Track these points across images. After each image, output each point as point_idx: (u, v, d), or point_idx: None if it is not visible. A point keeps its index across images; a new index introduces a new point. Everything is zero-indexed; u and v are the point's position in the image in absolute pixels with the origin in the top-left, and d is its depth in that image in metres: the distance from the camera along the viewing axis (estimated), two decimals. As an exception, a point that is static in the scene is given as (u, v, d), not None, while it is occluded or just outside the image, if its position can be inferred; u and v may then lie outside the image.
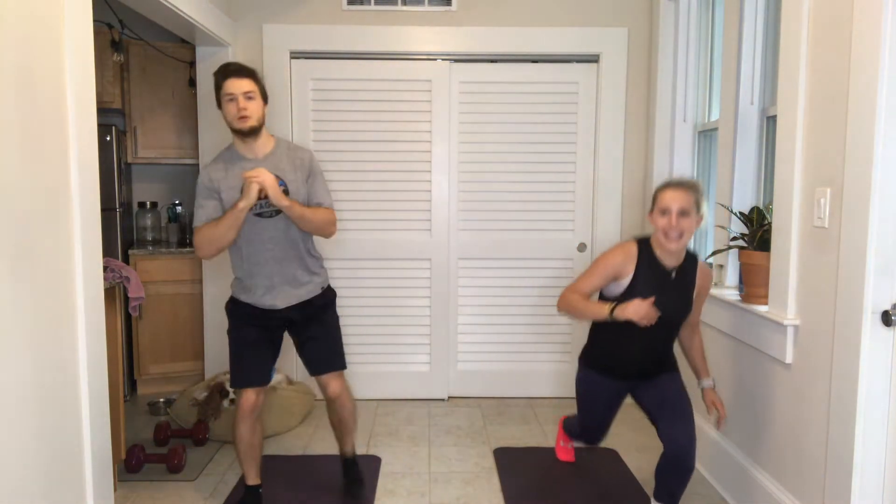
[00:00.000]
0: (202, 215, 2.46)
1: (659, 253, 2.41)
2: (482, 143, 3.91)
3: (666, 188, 2.35)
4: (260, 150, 2.50)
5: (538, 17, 3.82)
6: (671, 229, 2.30)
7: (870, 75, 1.89)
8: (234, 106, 2.39)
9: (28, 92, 1.85)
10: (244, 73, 2.42)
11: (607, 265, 2.42)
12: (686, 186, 2.34)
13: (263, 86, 2.50)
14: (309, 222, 2.48)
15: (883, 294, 1.92)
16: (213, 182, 2.46)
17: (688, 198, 2.31)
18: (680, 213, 2.29)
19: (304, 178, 2.53)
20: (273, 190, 2.35)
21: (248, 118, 2.40)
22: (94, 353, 2.18)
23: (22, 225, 1.83)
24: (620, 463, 3.12)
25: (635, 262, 2.40)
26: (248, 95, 2.40)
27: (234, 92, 2.39)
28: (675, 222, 2.29)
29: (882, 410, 1.96)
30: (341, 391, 2.64)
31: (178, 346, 4.06)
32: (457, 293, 4.00)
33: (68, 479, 2.06)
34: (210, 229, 2.41)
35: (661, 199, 2.34)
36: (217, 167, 2.49)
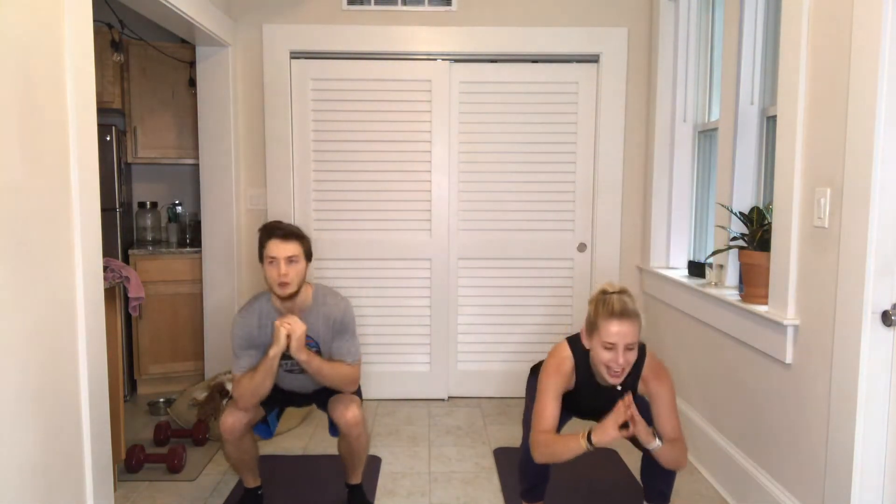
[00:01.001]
0: (243, 365, 2.44)
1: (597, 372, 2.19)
2: (482, 143, 3.91)
3: (610, 318, 2.06)
4: (297, 308, 2.45)
5: (538, 17, 3.82)
6: (617, 366, 2.08)
7: (870, 75, 1.89)
8: (275, 270, 2.35)
9: (28, 92, 1.85)
10: (290, 237, 2.37)
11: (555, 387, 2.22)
12: (631, 316, 2.08)
13: (310, 246, 2.45)
14: (325, 378, 2.43)
15: (883, 294, 1.92)
16: (251, 336, 2.45)
17: (635, 330, 2.08)
18: (627, 349, 2.07)
19: (335, 333, 2.48)
20: (297, 342, 2.31)
21: (287, 285, 2.36)
22: (94, 353, 2.18)
23: (22, 225, 1.83)
24: (620, 463, 3.12)
25: (574, 378, 2.26)
26: (291, 259, 2.36)
27: (277, 256, 2.34)
28: (623, 360, 2.07)
29: (882, 410, 1.96)
30: (358, 422, 2.48)
31: (178, 346, 4.06)
32: (457, 293, 4.00)
33: (68, 479, 2.06)
34: (248, 381, 2.38)
35: (605, 331, 2.07)
36: (251, 321, 2.46)
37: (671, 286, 3.40)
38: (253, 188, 3.93)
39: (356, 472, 2.65)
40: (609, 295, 2.12)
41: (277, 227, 2.41)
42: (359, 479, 2.66)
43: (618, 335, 2.05)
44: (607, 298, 2.12)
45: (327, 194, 3.93)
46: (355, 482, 2.66)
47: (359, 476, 2.66)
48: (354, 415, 2.47)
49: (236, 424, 2.43)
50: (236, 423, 2.42)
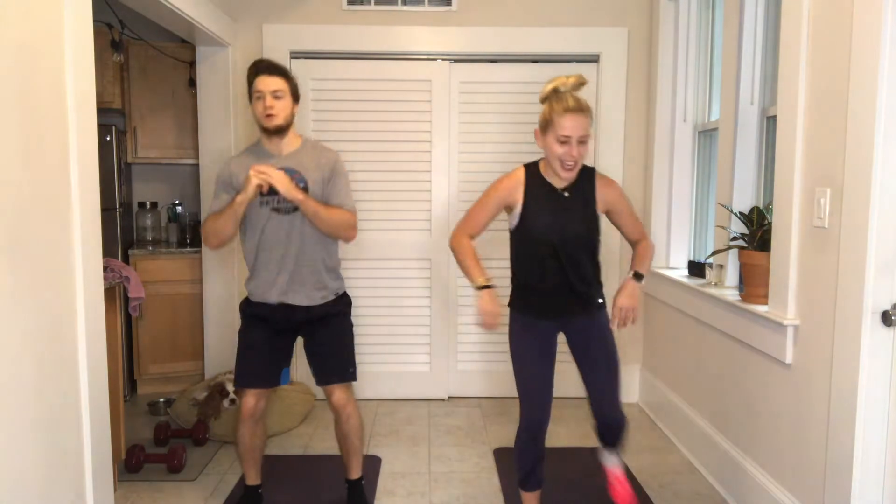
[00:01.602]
0: (214, 205, 2.49)
1: (549, 175, 2.31)
2: (482, 143, 3.91)
3: (564, 112, 2.16)
4: (285, 147, 2.50)
5: (538, 17, 3.82)
6: (570, 158, 2.18)
7: (870, 75, 1.89)
8: (261, 104, 2.40)
9: (28, 92, 1.85)
10: (275, 71, 2.42)
11: (494, 193, 2.35)
12: (585, 110, 2.18)
13: (295, 85, 2.49)
14: (323, 221, 2.43)
15: (883, 294, 1.92)
16: (231, 175, 2.48)
17: (587, 123, 2.18)
18: (580, 142, 2.17)
19: (328, 178, 2.50)
20: (283, 184, 2.32)
21: (273, 117, 2.41)
22: (94, 353, 2.18)
23: (22, 225, 1.83)
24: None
25: (523, 188, 2.31)
26: (277, 94, 2.40)
27: (263, 90, 2.39)
28: (576, 152, 2.18)
29: (882, 410, 1.96)
30: (346, 402, 2.53)
31: (178, 346, 4.06)
32: (457, 293, 4.00)
33: (68, 479, 2.06)
34: (212, 221, 2.44)
35: (559, 125, 2.16)
36: (239, 161, 2.51)
37: (671, 286, 3.40)
38: (253, 188, 3.93)
39: (353, 462, 2.62)
40: (562, 91, 2.21)
41: (263, 61, 2.46)
42: (358, 473, 2.64)
43: (572, 128, 2.15)
44: (561, 95, 2.20)
45: (327, 194, 3.93)
46: (353, 477, 2.64)
47: (358, 470, 2.64)
48: (341, 396, 2.52)
49: (258, 405, 2.49)
50: (258, 403, 2.49)
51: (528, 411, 2.39)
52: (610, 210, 2.36)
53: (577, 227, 2.28)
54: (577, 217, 2.29)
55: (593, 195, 2.32)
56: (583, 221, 2.30)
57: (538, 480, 2.45)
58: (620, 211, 2.36)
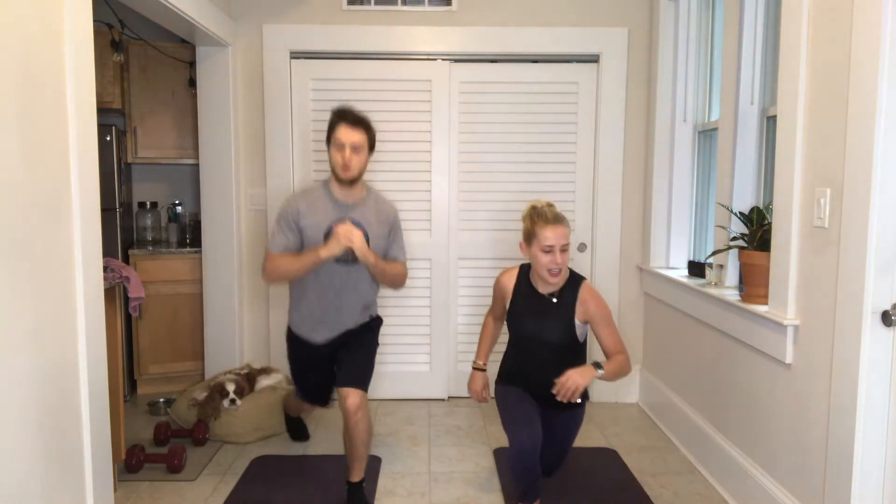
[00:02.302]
0: (279, 243, 2.60)
1: (535, 282, 2.61)
2: (482, 143, 3.91)
3: (545, 225, 2.46)
4: (352, 195, 2.66)
5: (538, 17, 3.82)
6: (555, 265, 2.47)
7: (870, 75, 1.89)
8: (340, 155, 2.54)
9: (28, 92, 1.85)
10: (358, 124, 2.55)
11: (496, 289, 2.76)
12: (563, 221, 2.50)
13: (374, 136, 2.62)
14: (384, 275, 2.68)
15: (883, 294, 1.92)
16: (299, 215, 2.60)
17: (566, 232, 2.48)
18: (562, 250, 2.47)
19: (387, 233, 2.72)
20: (362, 250, 2.52)
21: (350, 170, 2.56)
22: (94, 353, 2.18)
23: (22, 225, 1.83)
24: (620, 463, 3.12)
25: (513, 288, 2.67)
26: (356, 148, 2.54)
27: (344, 141, 2.54)
28: (560, 259, 2.46)
29: (882, 410, 1.96)
30: (357, 408, 2.55)
31: (178, 346, 4.06)
32: (457, 293, 4.00)
33: (68, 479, 2.06)
34: (286, 263, 2.57)
35: (542, 237, 2.46)
36: (306, 200, 2.65)
37: (671, 286, 3.40)
38: (253, 188, 3.93)
39: (356, 465, 2.63)
40: (540, 208, 2.54)
41: (348, 112, 2.59)
42: (359, 476, 2.65)
43: (554, 238, 2.46)
44: (540, 210, 2.53)
45: (327, 194, 3.93)
46: (355, 480, 2.65)
47: (359, 473, 2.65)
48: (353, 402, 2.55)
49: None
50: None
51: (517, 437, 2.45)
52: (589, 321, 2.61)
53: (553, 334, 2.58)
54: (555, 324, 2.57)
55: (573, 305, 2.58)
56: (560, 329, 2.57)
57: (537, 493, 2.55)
58: (597, 324, 2.59)
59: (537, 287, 2.61)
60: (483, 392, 2.78)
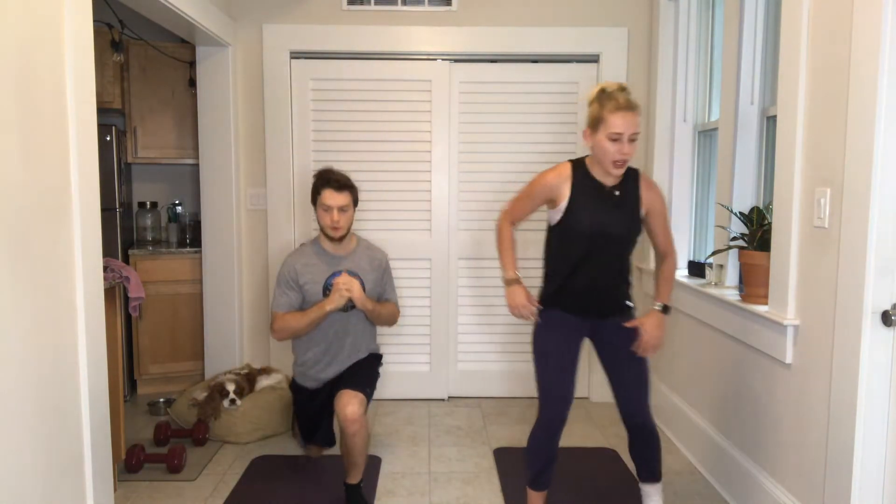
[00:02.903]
0: (283, 303, 2.80)
1: (596, 173, 2.32)
2: (482, 143, 3.91)
3: (615, 110, 2.18)
4: (343, 248, 2.86)
5: (538, 17, 3.82)
6: (622, 155, 2.20)
7: (870, 75, 1.89)
8: (329, 217, 2.74)
9: (28, 92, 1.85)
10: (342, 188, 2.73)
11: (538, 188, 2.37)
12: (636, 108, 2.21)
13: (357, 194, 2.82)
14: (380, 317, 2.89)
15: (883, 294, 1.92)
16: (297, 275, 2.81)
17: (637, 120, 2.21)
18: (630, 140, 2.20)
19: (380, 278, 2.91)
20: (361, 299, 2.73)
21: (339, 230, 2.77)
22: (94, 353, 2.18)
23: (22, 225, 1.83)
24: (620, 463, 3.12)
25: (570, 183, 2.32)
26: (343, 209, 2.73)
27: (331, 205, 2.72)
28: (628, 149, 2.20)
29: (882, 410, 1.96)
30: (356, 419, 2.54)
31: (178, 346, 4.06)
32: (457, 293, 4.00)
33: (68, 479, 2.06)
34: (294, 321, 2.76)
35: (611, 122, 2.18)
36: (302, 260, 2.84)
37: (671, 286, 3.39)
38: (253, 188, 3.93)
39: (353, 471, 2.65)
40: (610, 91, 2.24)
41: (332, 177, 2.74)
42: (356, 479, 2.66)
43: (624, 125, 2.17)
44: (612, 93, 2.22)
45: (327, 194, 3.93)
46: (352, 482, 2.66)
47: (356, 477, 2.66)
48: (353, 411, 2.55)
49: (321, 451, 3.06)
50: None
51: (548, 409, 2.37)
52: (648, 213, 2.38)
53: (620, 227, 2.31)
54: (622, 216, 2.32)
55: (638, 196, 2.36)
56: (627, 221, 2.33)
57: (548, 480, 2.46)
58: (657, 214, 2.39)
59: (599, 179, 2.32)
60: (530, 301, 2.37)
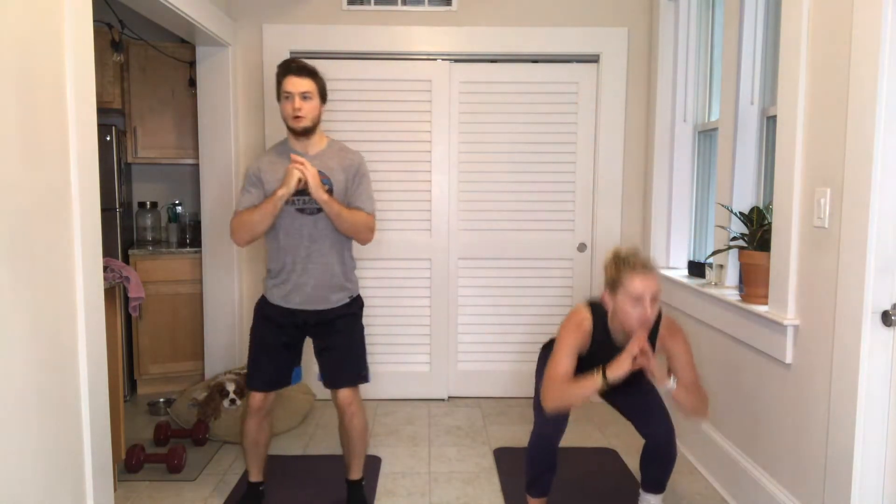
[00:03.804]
0: (244, 201, 2.52)
1: (616, 334, 2.29)
2: (482, 143, 3.91)
3: (633, 274, 2.17)
4: (312, 147, 2.54)
5: (538, 17, 3.82)
6: (647, 320, 2.18)
7: (870, 75, 1.89)
8: (290, 105, 2.44)
9: (28, 92, 1.85)
10: (304, 73, 2.46)
11: (572, 344, 2.30)
12: (653, 270, 2.22)
13: (324, 85, 2.53)
14: (345, 222, 2.48)
15: (883, 294, 1.92)
16: (260, 171, 2.52)
17: (657, 282, 2.20)
18: (652, 301, 2.18)
19: (349, 179, 2.55)
20: (314, 181, 2.38)
21: (302, 118, 2.45)
22: (94, 353, 2.18)
23: (22, 225, 1.83)
24: (620, 463, 3.12)
25: (589, 341, 2.31)
26: (305, 95, 2.45)
27: (292, 91, 2.43)
28: (651, 311, 2.17)
29: (882, 410, 1.96)
30: (351, 401, 2.53)
31: (178, 346, 4.06)
32: (457, 293, 4.00)
33: (68, 479, 2.06)
34: (247, 215, 2.47)
35: (631, 287, 2.16)
36: (267, 158, 2.56)
37: (671, 286, 3.39)
38: (253, 188, 3.93)
39: (355, 462, 2.62)
40: (625, 255, 2.24)
41: (293, 62, 2.49)
42: (358, 473, 2.64)
43: (644, 288, 2.15)
44: (626, 258, 2.22)
45: (327, 194, 3.93)
46: (354, 478, 2.64)
47: (358, 470, 2.64)
48: (345, 395, 2.52)
49: (265, 402, 2.53)
50: (265, 400, 2.53)
51: (542, 425, 2.39)
52: (668, 356, 2.35)
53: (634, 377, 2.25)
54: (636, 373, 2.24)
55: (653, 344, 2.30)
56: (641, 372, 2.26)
57: (545, 488, 2.46)
58: (677, 360, 2.33)
59: (615, 338, 2.30)
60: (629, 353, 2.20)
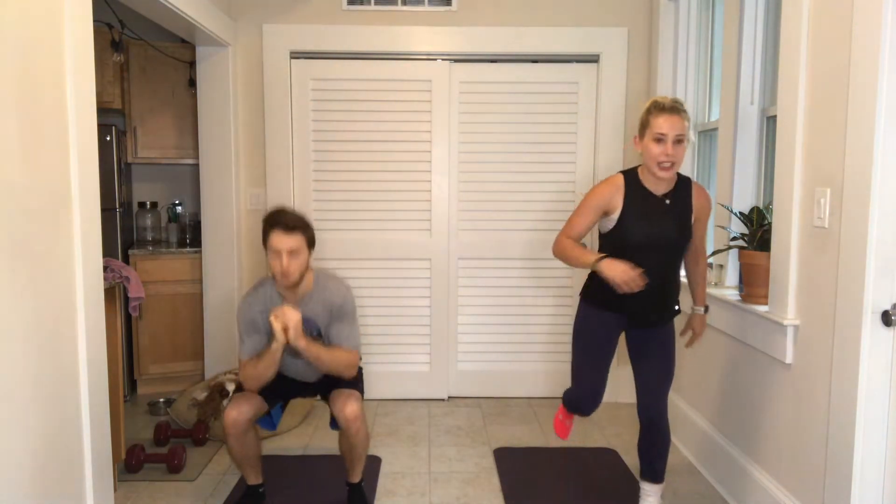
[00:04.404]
0: (247, 349, 2.51)
1: (647, 181, 2.34)
2: (482, 143, 3.91)
3: (660, 112, 2.23)
4: (299, 293, 2.51)
5: (538, 17, 3.82)
6: (666, 158, 2.23)
7: (870, 75, 1.89)
8: (277, 263, 2.39)
9: (28, 92, 1.85)
10: (291, 229, 2.39)
11: (594, 200, 2.36)
12: (681, 111, 2.24)
13: (312, 235, 2.48)
14: (322, 363, 2.46)
15: (883, 294, 1.92)
16: (254, 322, 2.51)
17: (683, 123, 2.23)
18: (676, 141, 2.22)
19: (333, 317, 2.53)
20: (295, 331, 2.35)
21: (289, 277, 2.41)
22: (94, 353, 2.18)
23: (22, 225, 1.83)
24: (620, 463, 3.12)
25: (623, 193, 2.33)
26: (293, 253, 2.39)
27: (280, 248, 2.38)
28: (672, 150, 2.22)
29: (882, 410, 1.96)
30: (356, 417, 2.49)
31: (178, 346, 4.06)
32: (457, 293, 4.00)
33: (68, 479, 2.06)
34: (252, 368, 2.46)
35: (655, 125, 2.23)
36: (256, 305, 2.51)
37: (671, 286, 3.39)
38: (253, 188, 3.93)
39: (355, 469, 2.64)
40: (659, 99, 2.30)
41: (280, 218, 2.41)
42: (358, 477, 2.66)
43: (668, 126, 2.21)
44: (657, 100, 2.29)
45: (327, 194, 3.93)
46: (354, 481, 2.66)
47: (358, 474, 2.65)
48: (353, 410, 2.49)
49: (240, 418, 2.45)
50: (240, 417, 2.45)
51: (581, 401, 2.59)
52: (696, 219, 2.42)
53: (672, 234, 2.33)
54: (674, 224, 2.33)
55: (689, 204, 2.38)
56: (678, 228, 2.34)
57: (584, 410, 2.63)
58: (702, 220, 2.45)
59: (650, 187, 2.34)
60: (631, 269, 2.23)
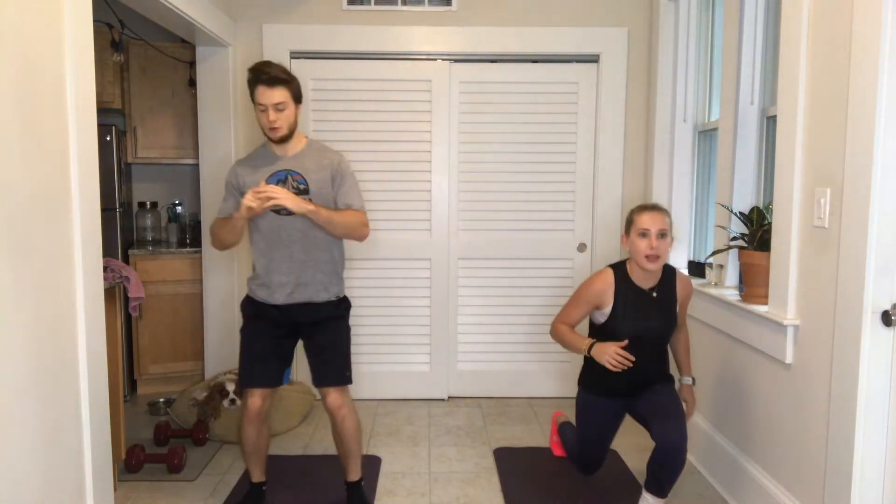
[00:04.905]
0: (223, 208, 2.58)
1: (636, 276, 2.52)
2: (482, 143, 3.91)
3: (642, 211, 2.46)
4: (290, 149, 2.55)
5: (538, 17, 3.82)
6: (651, 251, 2.41)
7: (870, 75, 1.89)
8: (265, 117, 2.42)
9: (28, 92, 1.85)
10: (275, 83, 2.40)
11: (587, 295, 2.55)
12: (660, 209, 2.47)
13: (298, 89, 2.49)
14: (337, 226, 2.48)
15: (883, 294, 1.92)
16: (238, 179, 2.54)
17: (664, 219, 2.44)
18: (659, 235, 2.41)
19: (330, 180, 2.53)
20: (291, 202, 2.33)
21: (277, 129, 2.45)
22: (94, 353, 2.18)
23: (22, 225, 1.83)
24: (620, 463, 3.12)
25: (613, 290, 2.51)
26: (279, 107, 2.41)
27: (266, 103, 2.40)
28: (655, 244, 2.41)
29: (882, 410, 1.96)
30: (341, 405, 2.53)
31: (178, 346, 4.06)
32: (457, 293, 4.00)
33: (68, 479, 2.06)
34: (217, 226, 2.54)
35: (638, 222, 2.45)
36: (246, 166, 2.56)
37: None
38: (253, 188, 3.93)
39: (352, 464, 2.62)
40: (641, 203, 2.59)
41: (264, 71, 2.40)
42: (357, 475, 2.64)
43: (650, 222, 2.42)
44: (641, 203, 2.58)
45: (327, 194, 3.93)
46: (353, 479, 2.64)
47: (356, 472, 2.64)
48: (334, 399, 2.52)
49: (264, 406, 2.51)
50: (264, 404, 2.51)
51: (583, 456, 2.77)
52: (680, 305, 2.62)
53: (660, 326, 2.53)
54: (661, 317, 2.53)
55: (675, 293, 2.57)
56: (665, 320, 2.54)
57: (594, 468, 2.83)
58: (684, 306, 2.65)
59: (638, 282, 2.52)
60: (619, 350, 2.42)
